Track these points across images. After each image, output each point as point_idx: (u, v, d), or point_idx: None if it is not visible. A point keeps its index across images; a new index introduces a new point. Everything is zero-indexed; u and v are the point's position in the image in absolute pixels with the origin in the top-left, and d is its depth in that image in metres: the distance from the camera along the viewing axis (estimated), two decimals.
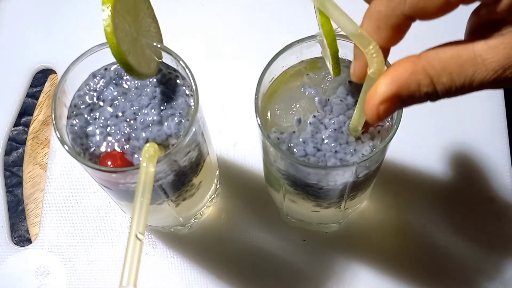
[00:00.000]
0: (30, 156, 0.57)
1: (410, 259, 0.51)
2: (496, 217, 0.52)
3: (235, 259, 0.51)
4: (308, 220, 0.50)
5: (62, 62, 0.60)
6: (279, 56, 0.37)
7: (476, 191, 0.53)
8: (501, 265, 0.50)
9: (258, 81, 0.37)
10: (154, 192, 0.39)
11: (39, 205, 0.55)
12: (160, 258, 0.52)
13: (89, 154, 0.38)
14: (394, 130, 0.35)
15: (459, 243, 0.51)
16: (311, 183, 0.38)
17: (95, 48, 0.38)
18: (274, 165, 0.39)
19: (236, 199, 0.53)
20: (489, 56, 0.27)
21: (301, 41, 0.37)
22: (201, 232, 0.52)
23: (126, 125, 0.38)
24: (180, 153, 0.38)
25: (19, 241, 0.54)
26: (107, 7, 0.33)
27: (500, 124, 0.55)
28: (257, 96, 0.36)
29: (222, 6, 0.62)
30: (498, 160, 0.53)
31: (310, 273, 0.50)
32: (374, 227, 0.52)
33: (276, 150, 0.35)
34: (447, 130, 0.55)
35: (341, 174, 0.36)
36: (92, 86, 0.39)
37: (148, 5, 0.38)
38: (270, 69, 0.37)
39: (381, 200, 0.52)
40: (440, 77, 0.28)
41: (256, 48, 0.60)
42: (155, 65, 0.39)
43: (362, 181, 0.39)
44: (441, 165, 0.54)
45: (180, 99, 0.39)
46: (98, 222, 0.53)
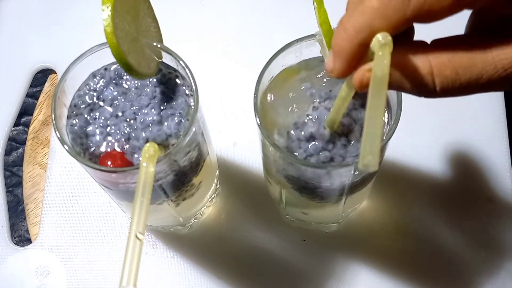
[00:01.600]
0: (30, 156, 0.57)
1: (410, 259, 0.50)
2: (496, 217, 0.52)
3: (235, 259, 0.51)
4: (307, 220, 0.50)
5: (62, 62, 0.60)
6: (278, 55, 0.37)
7: (476, 191, 0.53)
8: (501, 265, 0.50)
9: (257, 80, 0.37)
10: (154, 192, 0.39)
11: (39, 205, 0.55)
12: (160, 258, 0.52)
13: (89, 154, 0.38)
14: (393, 129, 0.35)
15: (458, 243, 0.51)
16: (310, 183, 0.38)
17: (95, 48, 0.38)
18: (273, 165, 0.39)
19: (236, 199, 0.53)
20: (500, 53, 0.26)
21: (300, 40, 0.37)
22: (201, 232, 0.52)
23: (126, 125, 0.38)
24: (180, 153, 0.38)
25: (19, 241, 0.54)
26: (107, 7, 0.33)
27: (500, 124, 0.55)
28: (256, 95, 0.36)
29: (222, 6, 0.62)
30: (498, 160, 0.53)
31: (310, 273, 0.50)
32: (374, 227, 0.52)
33: (275, 149, 0.35)
34: (447, 130, 0.55)
35: (340, 173, 0.36)
36: (92, 86, 0.39)
37: (148, 5, 0.38)
38: (269, 68, 0.37)
39: (381, 200, 0.52)
40: (444, 68, 0.27)
41: (256, 48, 0.60)
42: (155, 65, 0.39)
43: (361, 180, 0.39)
44: (441, 165, 0.54)
45: (180, 99, 0.39)
46: (98, 222, 0.53)
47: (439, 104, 0.56)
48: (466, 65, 0.26)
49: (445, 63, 0.27)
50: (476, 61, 0.26)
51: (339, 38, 0.28)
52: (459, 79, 0.27)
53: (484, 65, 0.26)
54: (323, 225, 0.51)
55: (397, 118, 0.35)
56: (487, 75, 0.26)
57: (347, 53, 0.28)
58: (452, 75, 0.27)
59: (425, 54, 0.27)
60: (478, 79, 0.27)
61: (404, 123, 0.36)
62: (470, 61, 0.26)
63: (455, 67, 0.27)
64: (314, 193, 0.40)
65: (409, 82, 0.27)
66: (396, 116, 0.35)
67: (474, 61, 0.26)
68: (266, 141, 0.36)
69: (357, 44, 0.27)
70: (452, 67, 0.27)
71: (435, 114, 0.55)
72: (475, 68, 0.26)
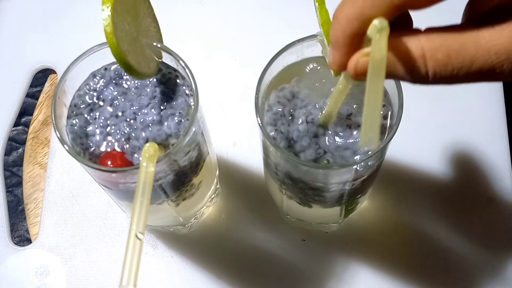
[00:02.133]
0: (30, 156, 0.57)
1: (409, 259, 0.50)
2: (496, 217, 0.52)
3: (235, 259, 0.51)
4: (308, 220, 0.50)
5: (62, 62, 0.60)
6: (279, 55, 0.37)
7: (476, 191, 0.53)
8: (501, 265, 0.50)
9: (259, 80, 0.37)
10: (154, 192, 0.39)
11: (39, 205, 0.55)
12: (160, 258, 0.52)
13: (89, 154, 0.38)
14: (394, 129, 0.35)
15: (458, 243, 0.51)
16: (311, 183, 0.38)
17: (95, 48, 0.38)
18: (274, 164, 0.39)
19: (236, 199, 0.53)
20: (494, 38, 0.26)
21: (301, 41, 0.37)
22: (201, 232, 0.52)
23: (126, 125, 0.38)
24: (180, 153, 0.38)
25: (19, 241, 0.54)
26: (107, 7, 0.33)
27: (500, 124, 0.55)
28: (258, 95, 0.36)
29: (222, 6, 0.62)
30: (498, 160, 0.53)
31: (310, 273, 0.50)
32: (374, 227, 0.52)
33: (276, 149, 0.35)
34: (447, 130, 0.55)
35: (341, 173, 0.36)
36: (92, 86, 0.39)
37: (148, 5, 0.38)
38: (271, 68, 0.37)
39: (381, 200, 0.52)
40: (436, 52, 0.27)
41: (256, 47, 0.60)
42: (155, 65, 0.39)
43: (363, 180, 0.39)
44: (441, 165, 0.54)
45: (180, 99, 0.39)
46: (98, 222, 0.53)
47: (439, 104, 0.56)
48: (458, 49, 0.26)
49: (437, 46, 0.26)
50: (468, 46, 0.26)
51: (333, 29, 0.29)
52: (451, 63, 0.26)
53: (476, 49, 0.26)
54: (323, 225, 0.51)
55: (398, 118, 0.35)
56: (479, 61, 0.26)
57: (342, 43, 0.28)
58: (444, 59, 0.26)
59: (418, 38, 0.27)
60: (470, 65, 0.26)
61: (404, 123, 0.36)
62: (462, 46, 0.26)
63: (447, 51, 0.26)
64: (314, 192, 0.40)
65: (402, 66, 0.27)
66: (398, 116, 0.35)
67: (466, 46, 0.26)
68: (267, 140, 0.36)
69: (350, 34, 0.28)
70: (444, 50, 0.26)
71: (435, 114, 0.55)
72: (467, 52, 0.26)
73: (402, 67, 0.27)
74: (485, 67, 0.26)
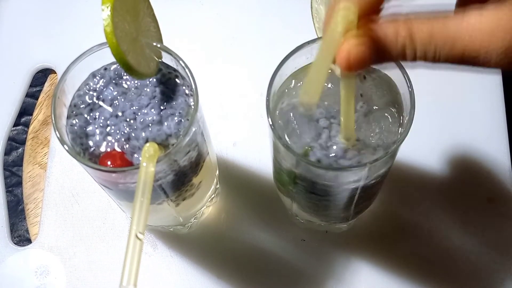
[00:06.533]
0: (30, 156, 0.57)
1: (409, 258, 0.50)
2: (496, 217, 0.52)
3: (235, 259, 0.51)
4: (317, 221, 0.49)
5: (62, 62, 0.60)
6: (290, 57, 0.37)
7: (476, 191, 0.53)
8: (501, 265, 0.50)
9: (269, 82, 0.36)
10: (154, 192, 0.39)
11: (39, 205, 0.55)
12: (160, 258, 0.52)
13: (89, 154, 0.38)
14: (406, 130, 0.35)
15: (458, 243, 0.51)
16: (322, 184, 0.38)
17: (95, 48, 0.38)
18: (285, 166, 0.39)
19: (236, 199, 0.53)
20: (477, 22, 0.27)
21: (311, 42, 0.37)
22: (201, 232, 0.52)
23: (126, 125, 0.38)
24: (180, 153, 0.38)
25: (19, 241, 0.54)
26: (106, 7, 0.33)
27: (500, 124, 0.55)
28: (268, 97, 0.36)
29: (222, 6, 0.62)
30: (498, 160, 0.53)
31: (310, 273, 0.50)
32: (374, 227, 0.52)
33: (288, 151, 0.35)
34: (447, 130, 0.55)
35: (353, 175, 0.36)
36: (91, 86, 0.39)
37: (148, 5, 0.38)
38: (281, 71, 0.37)
39: (380, 200, 0.52)
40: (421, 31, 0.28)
41: (256, 47, 0.60)
42: (154, 64, 0.39)
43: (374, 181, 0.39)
44: (441, 165, 0.54)
45: (180, 99, 0.39)
46: (98, 222, 0.53)
47: (439, 104, 0.56)
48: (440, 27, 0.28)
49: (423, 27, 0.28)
50: (450, 25, 0.27)
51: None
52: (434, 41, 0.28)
53: (458, 29, 0.27)
54: (333, 225, 0.51)
55: (410, 119, 0.35)
56: (461, 42, 0.27)
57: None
58: (427, 37, 0.28)
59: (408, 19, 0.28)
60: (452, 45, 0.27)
61: None
62: (444, 25, 0.28)
63: (431, 29, 0.28)
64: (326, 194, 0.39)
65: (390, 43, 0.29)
66: (410, 117, 0.35)
67: (448, 25, 0.28)
68: (278, 142, 0.36)
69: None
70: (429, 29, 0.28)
71: (435, 114, 0.55)
72: (449, 31, 0.27)
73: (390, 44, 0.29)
74: (468, 49, 0.27)
